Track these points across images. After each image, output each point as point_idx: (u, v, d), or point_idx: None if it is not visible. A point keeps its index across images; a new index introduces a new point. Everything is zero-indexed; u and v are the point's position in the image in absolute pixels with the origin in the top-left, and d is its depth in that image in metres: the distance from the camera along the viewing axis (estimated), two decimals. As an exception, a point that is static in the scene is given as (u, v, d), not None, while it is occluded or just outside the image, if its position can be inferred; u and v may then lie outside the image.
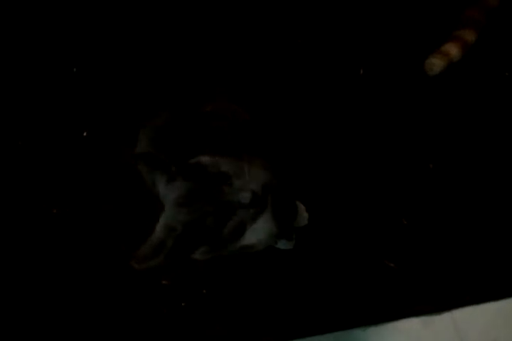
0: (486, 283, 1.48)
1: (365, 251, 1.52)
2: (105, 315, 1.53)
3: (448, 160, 1.58)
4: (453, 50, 1.63)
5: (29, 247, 1.59)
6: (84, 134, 1.67)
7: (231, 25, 1.73)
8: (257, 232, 1.20)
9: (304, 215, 1.51)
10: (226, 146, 1.31)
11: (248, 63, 1.70)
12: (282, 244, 1.48)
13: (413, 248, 1.52)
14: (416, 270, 1.50)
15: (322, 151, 1.61)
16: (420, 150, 1.60)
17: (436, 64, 1.62)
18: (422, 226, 1.53)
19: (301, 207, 1.51)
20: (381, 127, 1.62)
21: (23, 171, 1.65)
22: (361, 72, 1.68)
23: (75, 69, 1.73)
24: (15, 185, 1.64)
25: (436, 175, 1.57)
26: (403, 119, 1.63)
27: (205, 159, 1.18)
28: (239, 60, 1.70)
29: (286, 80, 1.68)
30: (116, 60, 1.72)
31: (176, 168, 1.14)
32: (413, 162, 1.59)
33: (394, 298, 1.49)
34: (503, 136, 1.60)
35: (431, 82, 1.65)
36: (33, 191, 1.63)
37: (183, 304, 1.52)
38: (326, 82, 1.67)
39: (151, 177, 1.22)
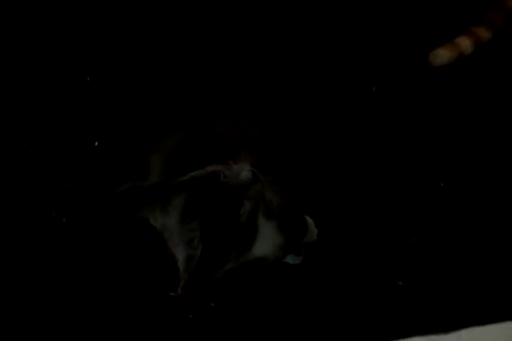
0: (494, 304, 1.47)
1: (373, 268, 1.52)
2: (110, 326, 1.53)
3: (460, 179, 1.58)
4: (464, 42, 1.64)
5: (37, 255, 1.58)
6: (96, 144, 1.67)
7: (244, 41, 1.74)
8: (263, 244, 1.20)
9: (313, 230, 1.51)
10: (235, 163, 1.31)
11: (260, 78, 1.70)
12: (291, 259, 1.48)
13: (422, 267, 1.51)
14: (424, 288, 1.50)
15: (332, 168, 1.61)
16: (431, 168, 1.60)
17: (440, 54, 1.63)
18: (432, 245, 1.53)
19: (311, 222, 1.51)
20: (393, 145, 1.63)
21: (33, 179, 1.65)
22: (374, 89, 1.68)
23: (88, 79, 1.73)
24: (25, 194, 1.64)
25: (448, 193, 1.57)
26: (415, 137, 1.63)
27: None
28: (251, 75, 1.71)
29: (298, 96, 1.68)
30: (131, 71, 1.73)
31: (165, 189, 1.15)
32: (424, 180, 1.59)
33: (401, 316, 1.48)
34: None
35: (444, 100, 1.65)
36: (43, 199, 1.63)
37: (190, 316, 1.52)
38: (338, 99, 1.68)
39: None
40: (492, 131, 1.63)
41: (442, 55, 1.63)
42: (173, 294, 1.53)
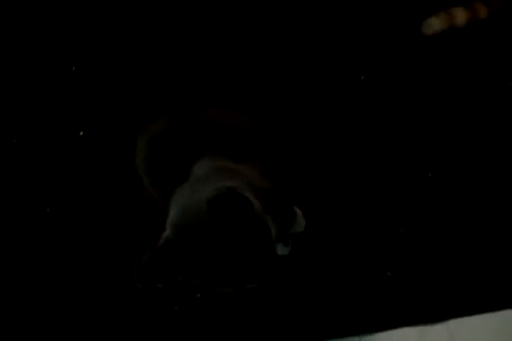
0: (483, 294, 1.47)
1: (361, 259, 1.51)
2: (95, 317, 1.51)
3: (447, 169, 1.57)
4: (460, 16, 1.62)
5: (21, 246, 1.57)
6: (81, 134, 1.66)
7: (233, 30, 1.72)
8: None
9: (300, 221, 1.50)
10: (227, 151, 1.30)
11: (249, 68, 1.69)
12: (278, 249, 1.47)
13: (410, 257, 1.51)
14: (413, 279, 1.49)
15: (321, 158, 1.60)
16: (420, 158, 1.59)
17: (432, 25, 1.63)
18: (420, 235, 1.52)
19: (299, 213, 1.49)
20: (381, 134, 1.61)
21: (17, 169, 1.63)
22: (362, 78, 1.67)
23: (73, 68, 1.71)
24: (8, 184, 1.62)
25: (435, 184, 1.56)
26: (403, 127, 1.62)
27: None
28: (240, 64, 1.69)
29: (287, 86, 1.67)
30: (117, 60, 1.71)
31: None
32: (412, 170, 1.58)
33: (390, 307, 1.47)
34: (505, 145, 1.59)
35: (433, 89, 1.64)
36: (27, 189, 1.61)
37: (176, 308, 1.51)
38: (327, 88, 1.66)
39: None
40: (479, 122, 1.62)
41: (435, 26, 1.63)
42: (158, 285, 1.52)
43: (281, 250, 1.46)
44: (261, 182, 1.24)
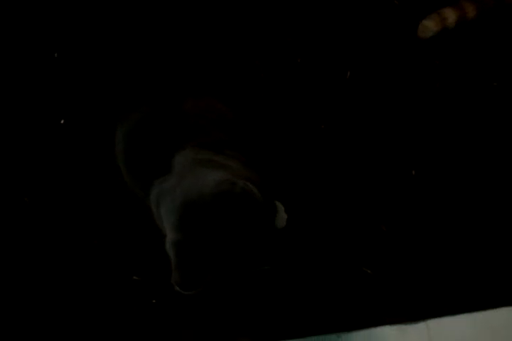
0: (462, 295, 1.47)
1: (342, 256, 1.51)
2: (71, 311, 1.50)
3: (431, 167, 1.57)
4: (451, 16, 1.63)
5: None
6: (62, 122, 1.63)
7: (219, 23, 1.71)
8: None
9: (282, 216, 1.49)
10: (208, 143, 1.30)
11: (235, 62, 1.68)
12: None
13: (391, 255, 1.50)
14: (393, 277, 1.49)
15: (303, 154, 1.59)
16: (403, 156, 1.58)
17: (429, 28, 1.63)
18: (402, 233, 1.52)
19: (281, 208, 1.49)
20: (364, 132, 1.61)
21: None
22: (348, 75, 1.66)
23: (56, 55, 1.69)
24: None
25: (419, 181, 1.56)
26: (387, 124, 1.62)
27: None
28: (225, 58, 1.68)
29: (272, 81, 1.66)
30: (99, 48, 1.69)
31: None
32: (395, 168, 1.58)
33: (370, 305, 1.47)
34: (489, 144, 1.59)
35: (418, 87, 1.64)
36: (5, 178, 1.59)
37: (153, 301, 1.49)
38: (312, 85, 1.66)
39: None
40: (464, 121, 1.62)
41: (431, 29, 1.63)
42: (136, 278, 1.51)
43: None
44: (245, 173, 1.24)
